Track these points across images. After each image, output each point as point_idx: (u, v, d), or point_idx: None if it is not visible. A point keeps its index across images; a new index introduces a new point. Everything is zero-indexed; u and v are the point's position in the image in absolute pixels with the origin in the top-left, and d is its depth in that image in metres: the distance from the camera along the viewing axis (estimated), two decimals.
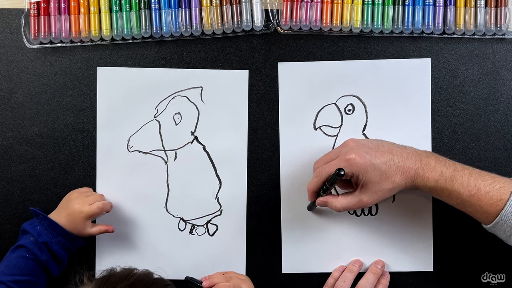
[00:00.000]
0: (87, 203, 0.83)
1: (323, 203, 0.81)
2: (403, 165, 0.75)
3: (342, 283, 0.84)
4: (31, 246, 0.79)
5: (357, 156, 0.75)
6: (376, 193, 0.76)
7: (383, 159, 0.75)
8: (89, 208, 0.82)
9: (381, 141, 0.79)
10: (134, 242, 0.89)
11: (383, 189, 0.76)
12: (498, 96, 0.87)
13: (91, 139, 0.88)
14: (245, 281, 0.82)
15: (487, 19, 0.85)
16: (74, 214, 0.82)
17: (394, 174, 0.75)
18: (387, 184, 0.76)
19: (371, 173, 0.75)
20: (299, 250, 0.88)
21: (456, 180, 0.75)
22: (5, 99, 0.88)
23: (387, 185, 0.76)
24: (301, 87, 0.88)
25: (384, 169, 0.75)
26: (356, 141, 0.78)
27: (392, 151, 0.77)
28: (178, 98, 0.89)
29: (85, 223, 0.82)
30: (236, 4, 0.86)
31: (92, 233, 0.84)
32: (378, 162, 0.75)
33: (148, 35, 0.87)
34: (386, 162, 0.75)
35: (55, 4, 0.86)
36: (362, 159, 0.75)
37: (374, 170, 0.75)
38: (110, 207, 0.86)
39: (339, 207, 0.78)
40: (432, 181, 0.75)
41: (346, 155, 0.76)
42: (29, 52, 0.88)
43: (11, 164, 0.88)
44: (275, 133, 0.88)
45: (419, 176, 0.75)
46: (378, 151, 0.76)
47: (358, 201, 0.77)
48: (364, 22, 0.85)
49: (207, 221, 0.89)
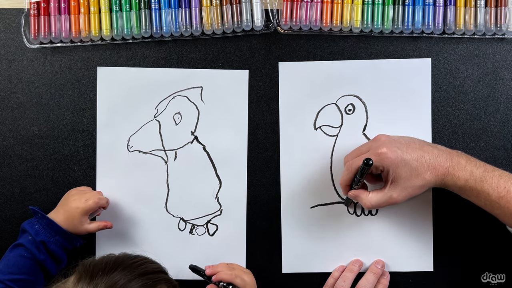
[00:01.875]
0: (83, 199, 0.83)
1: (354, 196, 0.81)
2: (434, 163, 0.75)
3: (342, 283, 0.84)
4: (29, 245, 0.79)
5: (389, 151, 0.75)
6: (406, 190, 0.76)
7: (414, 155, 0.75)
8: (85, 203, 0.82)
9: (413, 138, 0.79)
10: (134, 242, 0.89)
11: (413, 186, 0.76)
12: (498, 96, 0.87)
13: (91, 139, 0.88)
14: (247, 274, 0.82)
15: (487, 19, 0.85)
16: (71, 211, 0.82)
17: (424, 171, 0.75)
18: (417, 180, 0.75)
19: (402, 169, 0.75)
20: (299, 250, 0.88)
21: (486, 181, 0.74)
22: (5, 99, 0.88)
23: (418, 182, 0.75)
24: (301, 87, 0.88)
25: (415, 166, 0.75)
26: (388, 137, 0.79)
27: (423, 148, 0.76)
28: (178, 98, 0.89)
29: (82, 219, 0.82)
30: (236, 4, 0.86)
31: (90, 229, 0.83)
32: (409, 158, 0.75)
33: (148, 35, 0.87)
34: (417, 158, 0.75)
35: (55, 4, 0.86)
36: (393, 154, 0.75)
37: (405, 165, 0.75)
38: (106, 203, 0.86)
39: (369, 204, 0.78)
40: (462, 180, 0.75)
41: (377, 149, 0.76)
42: (29, 52, 0.88)
43: (11, 164, 0.88)
44: (275, 133, 0.88)
45: (450, 174, 0.75)
46: (409, 147, 0.76)
47: (389, 197, 0.77)
48: (364, 22, 0.85)
49: (207, 221, 0.89)
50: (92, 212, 0.84)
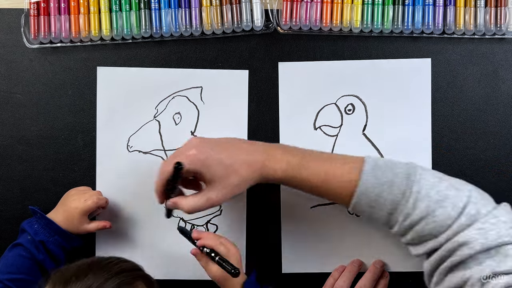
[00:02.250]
0: (83, 199, 0.83)
1: (173, 205, 0.77)
2: (249, 159, 0.74)
3: (341, 283, 0.84)
4: (27, 244, 0.79)
5: (198, 152, 0.73)
6: (224, 189, 0.74)
7: (228, 154, 0.74)
8: (84, 203, 0.82)
9: (230, 138, 0.78)
10: (134, 242, 0.89)
11: (230, 184, 0.73)
12: (498, 96, 0.87)
13: (91, 139, 0.88)
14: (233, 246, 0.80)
15: (487, 19, 0.85)
16: (70, 211, 0.82)
17: (239, 168, 0.73)
18: (233, 179, 0.73)
19: (215, 168, 0.73)
20: (299, 250, 0.88)
21: (304, 167, 0.73)
22: (5, 99, 0.88)
23: (234, 180, 0.73)
24: (301, 87, 0.88)
25: (229, 163, 0.73)
26: (201, 138, 0.77)
27: (239, 145, 0.76)
28: (178, 98, 0.89)
29: (81, 219, 0.82)
30: (236, 4, 0.86)
31: (89, 229, 0.83)
32: (222, 156, 0.73)
33: (148, 35, 0.87)
34: (231, 156, 0.74)
35: (55, 4, 0.86)
36: (204, 155, 0.73)
37: (218, 165, 0.73)
38: (105, 203, 0.86)
39: (188, 208, 0.75)
40: (280, 171, 0.73)
41: (187, 151, 0.74)
42: (29, 52, 0.88)
43: (11, 164, 0.88)
44: (275, 133, 0.88)
45: (266, 167, 0.74)
46: (222, 147, 0.75)
47: (207, 199, 0.74)
48: (364, 22, 0.85)
49: (207, 221, 0.89)
50: (91, 212, 0.84)
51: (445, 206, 0.67)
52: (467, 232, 0.65)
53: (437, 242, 0.68)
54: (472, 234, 0.65)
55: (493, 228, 0.65)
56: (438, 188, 0.68)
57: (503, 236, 0.64)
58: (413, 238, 0.70)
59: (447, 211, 0.67)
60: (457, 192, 0.69)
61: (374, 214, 0.71)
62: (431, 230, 0.68)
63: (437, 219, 0.67)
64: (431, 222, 0.68)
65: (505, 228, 0.65)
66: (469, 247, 0.64)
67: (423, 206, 0.68)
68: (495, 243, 0.64)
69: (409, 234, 0.70)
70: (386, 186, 0.69)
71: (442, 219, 0.67)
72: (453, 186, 0.69)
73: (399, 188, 0.69)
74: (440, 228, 0.68)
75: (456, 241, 0.66)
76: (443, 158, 0.87)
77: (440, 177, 0.71)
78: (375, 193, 0.70)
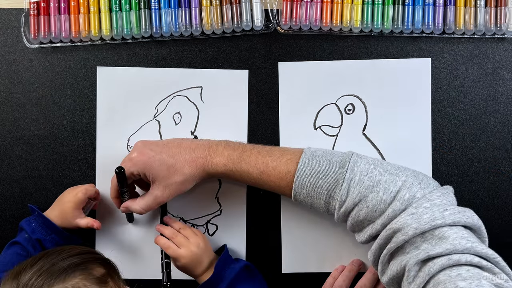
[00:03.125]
0: (74, 192, 0.83)
1: (125, 209, 0.81)
2: (191, 156, 0.77)
3: (341, 282, 0.84)
4: (25, 243, 0.80)
5: (140, 154, 0.77)
6: (169, 187, 0.77)
7: (170, 153, 0.77)
8: (75, 196, 0.82)
9: (173, 138, 0.81)
10: (134, 242, 0.89)
11: (175, 182, 0.77)
12: (498, 96, 0.87)
13: (91, 139, 0.88)
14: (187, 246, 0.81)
15: (487, 19, 0.85)
16: (64, 205, 0.83)
17: (182, 166, 0.76)
18: (177, 176, 0.76)
19: (158, 168, 0.76)
20: (299, 250, 0.88)
21: (244, 160, 0.76)
22: (5, 99, 0.88)
23: (178, 178, 0.76)
24: (301, 87, 0.88)
25: (172, 163, 0.76)
26: (144, 141, 0.80)
27: (181, 145, 0.78)
28: (178, 97, 0.89)
29: (74, 213, 0.82)
30: (236, 4, 0.86)
31: (80, 225, 0.82)
32: (163, 156, 0.76)
33: (148, 35, 0.87)
34: (172, 155, 0.77)
35: (55, 3, 0.86)
36: (145, 156, 0.77)
37: (160, 165, 0.76)
38: (95, 193, 0.85)
39: (139, 208, 0.79)
40: (221, 165, 0.76)
41: (131, 155, 0.78)
42: (29, 52, 0.88)
43: (11, 163, 0.88)
44: (275, 133, 0.88)
45: (208, 163, 0.76)
46: (165, 147, 0.78)
47: (154, 198, 0.78)
48: (364, 22, 0.85)
49: (207, 221, 0.89)
50: (84, 204, 0.83)
51: (377, 191, 0.69)
52: (400, 218, 0.66)
53: (374, 228, 0.69)
54: (405, 219, 0.65)
55: (426, 212, 0.65)
56: (371, 174, 0.70)
57: (436, 219, 0.65)
58: (353, 225, 0.72)
59: (379, 196, 0.68)
60: (391, 177, 0.69)
61: (314, 203, 0.74)
62: (366, 216, 0.70)
63: (370, 204, 0.69)
64: (364, 207, 0.69)
65: (439, 211, 0.65)
66: (403, 232, 0.65)
67: (355, 192, 0.69)
68: (428, 226, 0.64)
69: (348, 221, 0.72)
70: (321, 175, 0.71)
71: (374, 204, 0.69)
72: (388, 171, 0.70)
73: (333, 177, 0.71)
74: (374, 213, 0.69)
75: (390, 228, 0.67)
76: (443, 158, 0.87)
77: (375, 163, 0.72)
78: (312, 183, 0.72)
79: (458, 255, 0.62)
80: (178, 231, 0.83)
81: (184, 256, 0.80)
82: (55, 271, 0.64)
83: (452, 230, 0.64)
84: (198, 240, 0.82)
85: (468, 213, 0.67)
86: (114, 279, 0.69)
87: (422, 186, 0.69)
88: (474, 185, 0.87)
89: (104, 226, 0.88)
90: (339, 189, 0.70)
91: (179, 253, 0.80)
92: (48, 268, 0.65)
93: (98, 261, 0.70)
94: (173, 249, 0.81)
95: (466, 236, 0.64)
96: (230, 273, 0.81)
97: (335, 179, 0.71)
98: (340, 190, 0.70)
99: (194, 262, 0.81)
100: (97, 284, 0.66)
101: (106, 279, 0.67)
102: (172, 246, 0.81)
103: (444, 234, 0.64)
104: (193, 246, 0.81)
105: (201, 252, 0.82)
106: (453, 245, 0.63)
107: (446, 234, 0.64)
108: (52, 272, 0.64)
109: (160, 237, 0.82)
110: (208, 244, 0.84)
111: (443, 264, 0.62)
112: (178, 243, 0.81)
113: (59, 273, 0.64)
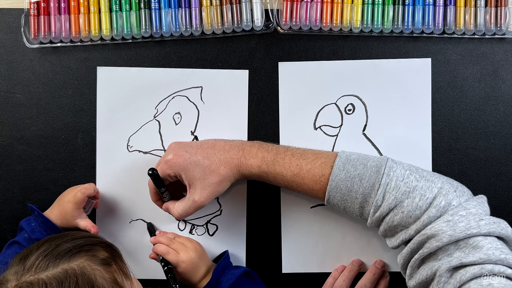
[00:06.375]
0: (73, 192, 0.83)
1: (165, 209, 0.82)
2: (226, 157, 0.77)
3: (341, 282, 0.84)
4: (24, 242, 0.80)
5: (175, 156, 0.77)
6: (206, 189, 0.77)
7: (204, 154, 0.77)
8: (74, 196, 0.82)
9: (207, 140, 0.81)
10: (134, 242, 0.89)
11: (211, 183, 0.77)
12: (498, 96, 0.87)
13: (91, 139, 0.88)
14: (185, 250, 0.82)
15: (487, 19, 0.85)
16: (64, 205, 0.83)
17: (218, 167, 0.76)
18: (213, 177, 0.76)
19: (194, 170, 0.76)
20: (299, 250, 0.88)
21: (278, 162, 0.76)
22: (5, 99, 0.88)
23: (214, 179, 0.76)
24: (301, 87, 0.88)
25: (207, 164, 0.76)
26: (178, 143, 0.80)
27: (215, 146, 0.78)
28: (178, 98, 0.89)
29: (74, 213, 0.82)
30: (236, 4, 0.86)
31: (80, 226, 0.83)
32: (199, 158, 0.76)
33: (148, 35, 0.87)
34: (207, 156, 0.77)
35: (55, 4, 0.86)
36: (181, 158, 0.76)
37: (196, 166, 0.76)
38: (94, 191, 0.85)
39: (177, 214, 0.79)
40: (255, 167, 0.76)
41: (166, 157, 0.78)
42: (29, 52, 0.88)
43: (11, 163, 0.88)
44: (275, 133, 0.88)
45: (243, 164, 0.77)
46: (199, 148, 0.78)
47: (192, 202, 0.77)
48: (364, 22, 0.85)
49: (207, 221, 0.89)
50: (84, 204, 0.83)
51: (413, 197, 0.68)
52: (436, 225, 0.66)
53: (407, 234, 0.69)
54: (440, 226, 0.65)
55: (462, 220, 0.65)
56: (407, 179, 0.70)
57: (471, 228, 0.65)
58: (386, 230, 0.72)
59: (415, 202, 0.68)
60: (427, 183, 0.69)
61: (347, 207, 0.73)
62: (400, 221, 0.69)
63: (405, 209, 0.69)
64: (400, 213, 0.69)
65: (475, 220, 0.65)
66: (437, 239, 0.65)
67: (391, 197, 0.69)
68: (462, 234, 0.64)
69: (382, 226, 0.72)
70: (356, 179, 0.71)
71: (410, 209, 0.68)
72: (424, 178, 0.70)
73: (368, 181, 0.71)
74: (409, 219, 0.69)
75: (425, 233, 0.67)
76: (443, 158, 0.87)
77: (410, 169, 0.72)
78: (347, 186, 0.72)
79: (491, 265, 0.62)
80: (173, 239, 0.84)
81: (184, 260, 0.81)
82: (60, 252, 0.65)
83: (486, 240, 0.64)
84: (195, 244, 0.83)
85: (503, 224, 0.67)
86: (117, 263, 0.69)
87: (457, 193, 0.69)
88: (474, 185, 0.87)
89: (104, 226, 0.88)
90: (374, 194, 0.70)
91: (179, 258, 0.81)
92: (53, 249, 0.65)
93: (102, 244, 0.70)
94: (172, 253, 0.81)
95: (500, 247, 0.64)
96: (229, 279, 0.80)
97: (371, 184, 0.70)
98: (376, 195, 0.70)
99: (193, 267, 0.81)
100: (101, 266, 0.66)
101: (110, 261, 0.68)
102: (172, 251, 0.81)
103: (478, 244, 0.64)
104: (191, 251, 0.82)
105: (199, 257, 0.82)
106: (487, 255, 0.63)
107: (481, 244, 0.64)
108: (57, 253, 0.65)
109: (158, 244, 0.83)
110: (205, 251, 0.85)
111: (475, 273, 0.62)
112: (176, 249, 0.82)
113: (64, 254, 0.65)
